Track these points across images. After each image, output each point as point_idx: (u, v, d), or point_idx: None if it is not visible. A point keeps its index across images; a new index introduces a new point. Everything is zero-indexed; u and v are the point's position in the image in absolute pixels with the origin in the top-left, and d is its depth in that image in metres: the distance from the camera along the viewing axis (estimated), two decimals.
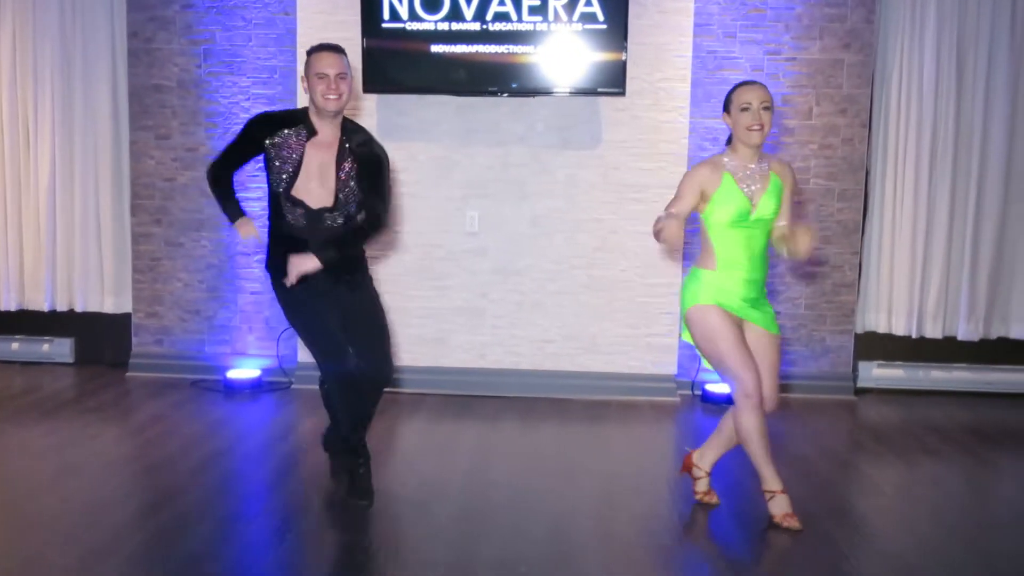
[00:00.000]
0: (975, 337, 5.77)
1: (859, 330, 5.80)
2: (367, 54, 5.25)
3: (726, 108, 3.58)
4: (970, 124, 5.62)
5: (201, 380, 5.69)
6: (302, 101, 5.46)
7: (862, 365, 5.80)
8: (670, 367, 5.58)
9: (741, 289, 3.55)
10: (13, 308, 6.05)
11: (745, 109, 3.49)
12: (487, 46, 5.23)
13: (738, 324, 3.55)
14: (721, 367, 3.54)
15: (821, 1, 5.50)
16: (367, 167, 3.67)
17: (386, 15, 5.22)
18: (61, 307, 6.05)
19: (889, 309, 5.82)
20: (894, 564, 3.35)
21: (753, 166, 3.56)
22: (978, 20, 5.53)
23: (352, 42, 5.33)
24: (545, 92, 5.28)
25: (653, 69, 5.39)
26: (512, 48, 5.23)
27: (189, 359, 5.85)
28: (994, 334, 5.81)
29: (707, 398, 5.49)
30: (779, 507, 3.58)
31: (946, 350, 5.84)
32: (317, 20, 5.44)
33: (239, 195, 3.90)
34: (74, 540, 3.36)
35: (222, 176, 3.78)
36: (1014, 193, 5.68)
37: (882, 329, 5.84)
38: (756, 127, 3.48)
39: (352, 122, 3.75)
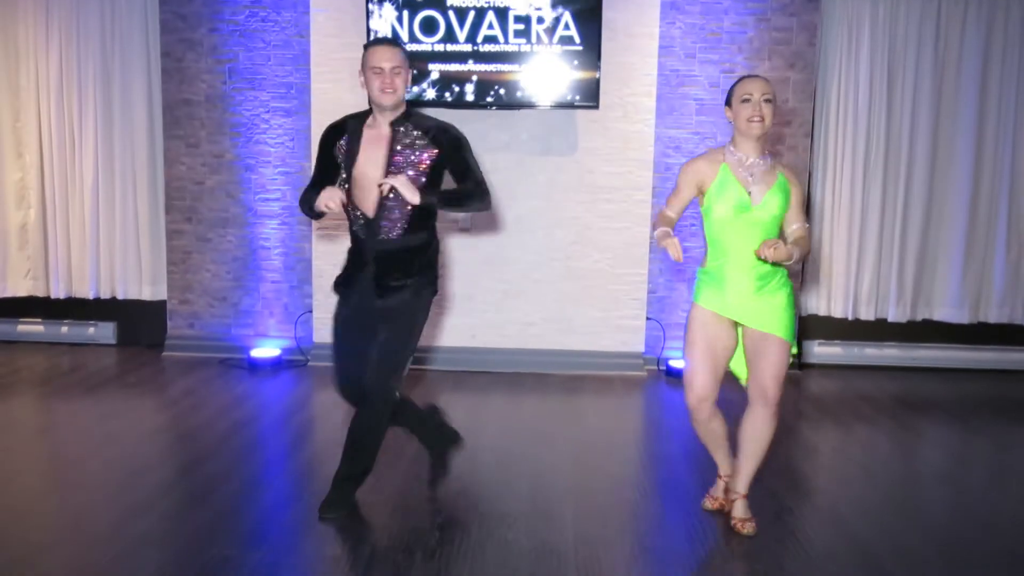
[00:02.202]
0: (903, 319, 5.81)
1: (803, 313, 5.83)
2: None
3: (728, 102, 3.11)
4: (899, 133, 5.64)
5: (228, 359, 5.68)
6: (317, 116, 5.47)
7: (805, 344, 5.83)
8: (638, 345, 5.59)
9: (736, 281, 3.09)
10: (62, 296, 6.01)
11: (746, 100, 3.02)
12: (477, 65, 5.22)
13: (720, 334, 3.16)
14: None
15: (769, 27, 5.50)
16: (451, 148, 3.18)
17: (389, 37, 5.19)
18: (104, 295, 6.02)
19: (828, 295, 5.84)
20: (829, 515, 3.38)
21: (755, 160, 3.08)
22: (906, 43, 5.55)
23: (359, 62, 5.31)
24: (528, 106, 5.27)
25: (623, 85, 5.39)
26: (499, 67, 5.21)
27: (217, 340, 5.84)
28: (920, 316, 5.84)
29: (670, 372, 5.51)
30: (718, 489, 3.42)
31: (878, 330, 5.87)
32: (328, 43, 5.42)
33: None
34: (116, 499, 3.37)
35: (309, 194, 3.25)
36: (937, 194, 5.70)
37: (822, 312, 5.87)
38: (757, 118, 3.01)
39: (419, 114, 3.28)
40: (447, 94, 5.25)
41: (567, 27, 5.15)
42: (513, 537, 3.11)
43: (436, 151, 3.17)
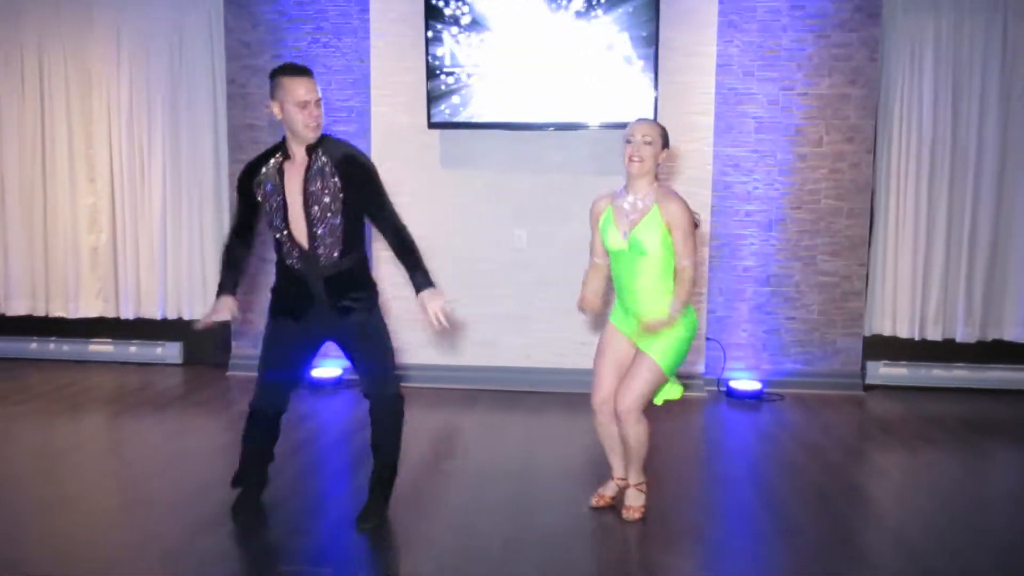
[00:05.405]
0: (972, 339, 5.67)
1: (866, 333, 5.73)
2: (430, 95, 5.32)
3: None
4: (965, 149, 5.54)
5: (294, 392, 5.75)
6: (377, 138, 5.57)
7: (869, 364, 5.73)
8: (699, 366, 5.55)
9: (627, 306, 3.41)
10: (131, 317, 6.19)
11: (629, 142, 3.31)
12: (534, 84, 5.26)
13: (622, 344, 3.44)
14: None
15: (829, 43, 5.46)
16: (357, 182, 3.17)
17: (447, 61, 5.28)
18: (171, 315, 6.18)
19: (893, 314, 5.74)
20: (897, 538, 3.32)
21: (634, 197, 3.32)
22: (971, 57, 5.46)
23: (418, 85, 5.42)
24: (583, 126, 5.30)
25: (681, 104, 5.38)
26: (556, 87, 5.25)
27: None
28: (990, 336, 5.69)
29: (731, 394, 5.46)
30: (608, 489, 3.60)
31: (946, 351, 5.73)
32: (387, 66, 5.52)
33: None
34: (185, 515, 3.46)
35: (232, 243, 3.40)
36: (1005, 209, 5.57)
37: (887, 332, 5.76)
38: (636, 159, 3.27)
39: (331, 138, 3.23)
40: (504, 113, 5.31)
41: (625, 48, 5.18)
42: (575, 556, 3.11)
43: (343, 183, 3.16)
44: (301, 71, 3.13)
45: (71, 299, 6.21)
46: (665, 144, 3.34)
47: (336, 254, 3.21)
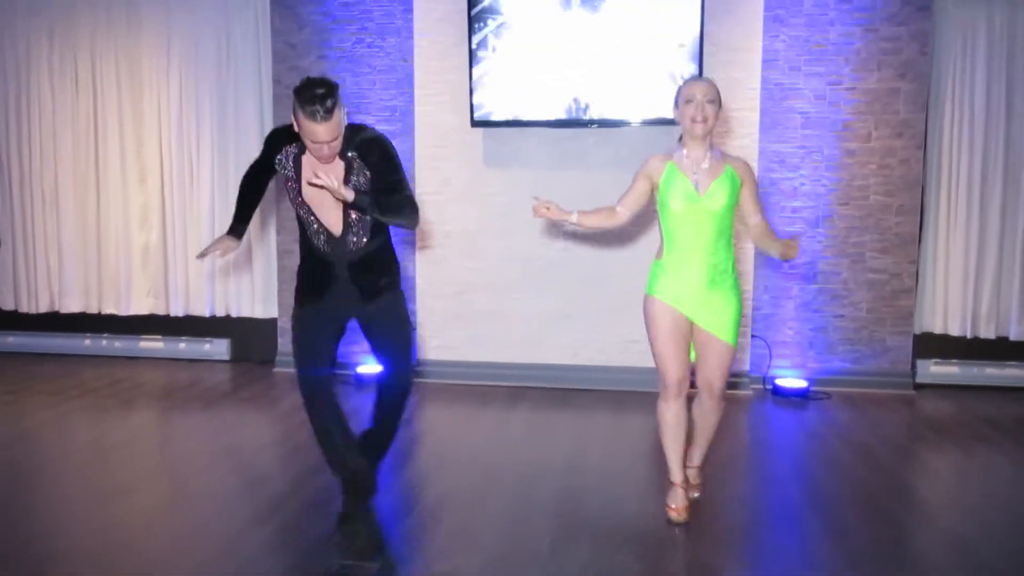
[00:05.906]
0: None
1: (917, 331, 5.63)
2: (473, 93, 5.34)
3: (676, 103, 3.31)
4: (1019, 143, 5.42)
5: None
6: (420, 137, 5.62)
7: (920, 363, 5.63)
8: (743, 364, 5.51)
9: (691, 275, 3.28)
10: (181, 314, 6.31)
11: (689, 101, 3.23)
12: (578, 81, 5.26)
13: (680, 320, 3.32)
14: (653, 354, 3.39)
15: (878, 37, 5.38)
16: (372, 161, 3.11)
17: (490, 60, 5.30)
18: (219, 313, 6.29)
19: (945, 312, 5.64)
20: (951, 540, 3.26)
21: (700, 153, 3.28)
22: None
23: (462, 84, 5.45)
24: (626, 123, 5.29)
25: (726, 100, 5.31)
26: (600, 83, 5.25)
27: None
28: None
29: (778, 392, 5.41)
30: (671, 498, 3.42)
31: (999, 349, 5.62)
32: (431, 66, 5.56)
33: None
34: (235, 510, 3.52)
35: (249, 183, 3.42)
36: None
37: (938, 330, 5.66)
38: (699, 119, 3.21)
39: (351, 127, 3.12)
40: (547, 111, 5.31)
41: (669, 43, 5.15)
42: (622, 556, 3.12)
43: (370, 169, 3.12)
44: (316, 113, 2.87)
45: (123, 297, 6.35)
46: (720, 103, 3.31)
47: (365, 240, 3.22)
